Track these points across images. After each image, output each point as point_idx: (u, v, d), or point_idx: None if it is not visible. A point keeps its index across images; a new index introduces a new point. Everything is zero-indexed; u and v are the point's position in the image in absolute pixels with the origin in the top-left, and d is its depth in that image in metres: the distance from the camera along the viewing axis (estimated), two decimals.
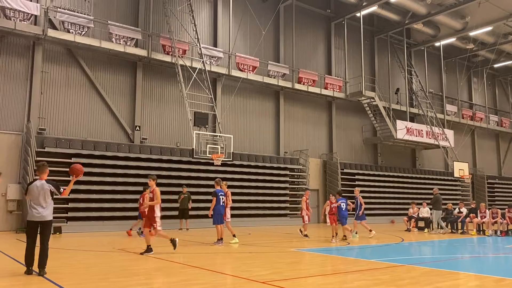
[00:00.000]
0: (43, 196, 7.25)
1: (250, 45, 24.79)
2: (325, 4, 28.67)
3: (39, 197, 7.24)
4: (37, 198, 7.24)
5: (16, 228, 16.94)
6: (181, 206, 18.25)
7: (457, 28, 30.52)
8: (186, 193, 18.41)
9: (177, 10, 21.81)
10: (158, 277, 7.38)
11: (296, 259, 10.00)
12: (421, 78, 32.83)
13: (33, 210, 7.25)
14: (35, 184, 7.33)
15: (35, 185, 7.30)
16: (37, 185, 7.29)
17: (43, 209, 7.25)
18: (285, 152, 25.38)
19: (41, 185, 7.28)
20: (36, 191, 7.25)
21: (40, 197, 7.24)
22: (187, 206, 18.22)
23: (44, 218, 7.26)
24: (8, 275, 7.32)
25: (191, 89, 20.32)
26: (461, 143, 33.91)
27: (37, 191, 7.25)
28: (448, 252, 12.20)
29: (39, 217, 7.23)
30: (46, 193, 7.27)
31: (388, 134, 28.24)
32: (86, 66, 19.64)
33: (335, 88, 27.20)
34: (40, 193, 7.24)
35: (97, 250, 11.02)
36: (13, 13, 17.37)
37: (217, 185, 12.63)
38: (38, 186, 7.27)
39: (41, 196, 7.24)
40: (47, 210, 7.31)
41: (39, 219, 7.24)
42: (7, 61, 17.91)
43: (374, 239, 14.99)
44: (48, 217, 7.31)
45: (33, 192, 7.27)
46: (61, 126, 18.82)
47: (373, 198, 27.49)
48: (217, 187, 12.59)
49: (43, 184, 7.31)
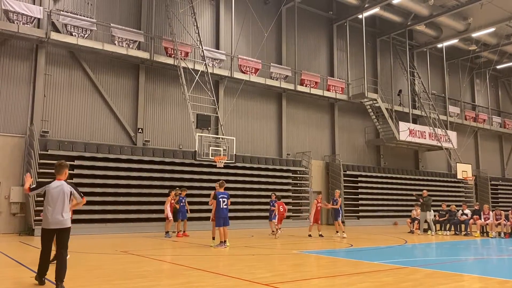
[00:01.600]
0: (62, 199, 6.32)
1: (252, 47, 24.82)
2: (327, 6, 28.69)
3: (57, 200, 6.29)
4: (55, 201, 6.28)
5: (20, 230, 16.99)
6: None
7: (460, 30, 30.49)
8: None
9: (179, 13, 21.86)
10: (161, 279, 7.37)
11: (299, 261, 9.98)
12: (423, 80, 32.79)
13: (50, 216, 6.25)
14: (53, 185, 6.39)
15: (53, 187, 6.36)
16: (55, 186, 6.37)
17: (62, 215, 6.29)
18: (287, 154, 25.36)
19: (60, 187, 6.37)
20: (55, 194, 6.31)
21: (59, 200, 6.30)
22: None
23: (62, 224, 6.30)
24: (11, 278, 7.33)
25: (194, 92, 20.34)
26: (464, 144, 33.81)
27: (55, 193, 6.31)
28: (452, 254, 12.15)
29: (57, 223, 6.26)
30: (65, 196, 6.37)
31: (390, 136, 28.19)
32: (89, 68, 19.70)
33: (338, 90, 27.19)
34: (59, 196, 6.31)
35: (100, 253, 11.02)
36: (16, 16, 17.45)
37: (220, 187, 12.53)
38: (56, 188, 6.35)
39: (59, 199, 6.30)
40: (66, 216, 6.36)
41: (57, 226, 6.27)
42: (11, 64, 17.98)
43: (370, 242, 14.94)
44: (66, 223, 6.35)
45: (51, 194, 6.31)
46: (64, 128, 18.86)
47: (376, 200, 27.47)
48: (220, 189, 12.48)
49: (62, 186, 6.39)
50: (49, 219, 6.23)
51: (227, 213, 12.40)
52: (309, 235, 16.32)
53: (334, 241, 15.12)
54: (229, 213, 12.53)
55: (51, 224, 6.23)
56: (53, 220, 6.23)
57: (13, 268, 8.49)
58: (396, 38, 31.54)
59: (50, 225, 6.24)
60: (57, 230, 6.29)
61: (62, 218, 6.27)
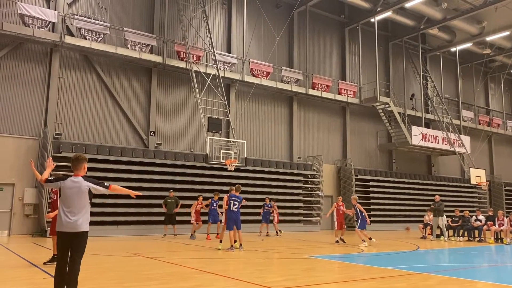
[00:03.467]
0: (78, 199, 5.43)
1: (263, 51, 24.86)
2: (339, 10, 28.63)
3: (73, 199, 5.42)
4: (70, 201, 5.41)
5: (33, 232, 17.18)
6: (168, 211, 17.63)
7: (474, 33, 30.18)
8: (173, 198, 17.93)
9: (191, 17, 21.99)
10: (172, 282, 7.38)
11: (310, 266, 9.91)
12: (436, 84, 32.49)
13: (63, 216, 5.39)
14: (68, 183, 5.47)
15: (68, 185, 5.46)
16: (71, 184, 5.46)
17: (77, 216, 5.39)
18: (298, 157, 25.29)
19: (77, 184, 5.47)
20: (70, 192, 5.43)
21: (75, 200, 5.42)
22: (173, 211, 17.68)
23: (77, 227, 5.37)
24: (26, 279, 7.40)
25: (205, 95, 20.42)
26: (478, 149, 33.38)
27: (70, 192, 5.43)
28: (466, 260, 11.97)
29: (70, 226, 5.36)
30: (83, 194, 5.46)
31: (403, 140, 27.96)
32: (102, 72, 19.90)
33: (349, 93, 27.08)
34: (75, 194, 5.42)
35: (112, 255, 11.08)
36: (31, 20, 17.71)
37: (235, 191, 12.49)
38: (72, 186, 5.45)
39: (75, 197, 5.42)
40: (82, 217, 5.43)
41: (70, 229, 5.36)
42: (26, 67, 18.24)
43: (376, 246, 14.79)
44: (82, 226, 5.41)
45: (66, 192, 5.44)
46: (77, 131, 19.06)
47: (388, 204, 27.23)
48: (235, 193, 12.45)
49: (79, 182, 5.48)
50: (62, 221, 5.38)
51: (238, 217, 12.32)
52: (337, 241, 15.65)
53: (351, 247, 14.96)
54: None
55: (64, 227, 5.37)
56: (66, 223, 5.36)
57: (27, 268, 8.58)
58: (408, 41, 31.32)
59: (63, 227, 5.38)
60: (70, 234, 5.38)
61: (76, 220, 5.36)
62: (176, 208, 17.85)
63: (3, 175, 17.11)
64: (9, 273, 8.09)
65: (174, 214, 17.79)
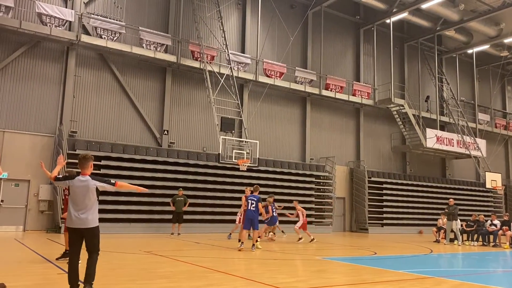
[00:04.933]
0: (86, 196, 5.77)
1: (277, 51, 24.83)
2: (354, 10, 28.46)
3: (81, 197, 5.76)
4: (78, 198, 5.76)
5: (47, 228, 17.42)
6: (177, 210, 17.39)
7: (491, 35, 29.72)
8: (182, 196, 17.73)
9: (206, 17, 22.07)
10: (183, 280, 7.41)
11: (322, 267, 9.87)
12: (452, 86, 32.10)
13: (73, 213, 5.74)
14: (76, 181, 5.83)
15: (77, 184, 5.81)
16: (79, 183, 5.81)
17: (85, 213, 5.74)
18: (311, 159, 25.20)
19: (85, 183, 5.81)
20: (78, 190, 5.78)
21: (83, 198, 5.76)
22: (182, 209, 17.50)
23: (86, 224, 5.72)
24: (39, 274, 7.50)
25: (219, 95, 20.48)
26: (494, 153, 32.89)
27: (79, 190, 5.78)
28: (480, 265, 11.79)
29: (80, 223, 5.71)
30: (90, 192, 5.80)
31: (417, 143, 27.67)
32: (117, 71, 20.09)
33: (363, 95, 26.89)
34: (83, 193, 5.77)
35: (124, 252, 11.18)
36: (49, 19, 17.96)
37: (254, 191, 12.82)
38: (81, 185, 5.80)
39: (83, 195, 5.77)
40: (91, 214, 5.79)
41: (80, 226, 5.72)
42: (42, 65, 18.50)
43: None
44: (92, 222, 5.76)
45: (74, 191, 5.80)
46: (92, 129, 19.27)
47: (401, 207, 27.00)
48: (254, 193, 12.76)
49: (87, 181, 5.83)
50: (72, 218, 5.71)
51: (256, 216, 12.43)
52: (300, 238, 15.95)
53: (359, 248, 14.86)
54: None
55: (74, 223, 5.72)
56: (76, 219, 5.70)
57: (41, 264, 8.69)
58: (424, 43, 30.99)
59: (73, 224, 5.72)
60: (81, 230, 5.73)
61: (85, 217, 5.71)
62: (185, 207, 17.76)
63: (19, 172, 17.37)
64: (24, 268, 8.22)
65: (182, 213, 17.72)
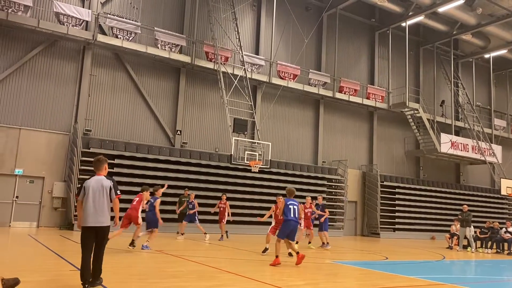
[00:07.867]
0: (100, 195, 5.99)
1: (291, 53, 24.80)
2: (370, 13, 28.29)
3: (96, 196, 5.97)
4: (94, 198, 5.96)
5: (60, 224, 17.63)
6: (183, 210, 16.69)
7: (509, 40, 29.30)
8: (188, 196, 17.11)
9: (221, 18, 22.14)
10: (194, 280, 7.43)
11: (333, 271, 9.81)
12: (468, 91, 31.70)
13: (88, 212, 5.92)
14: (91, 181, 6.09)
15: (92, 183, 6.05)
16: (94, 182, 6.07)
17: (99, 212, 5.94)
18: (323, 161, 25.09)
19: (99, 182, 6.07)
20: (93, 189, 5.99)
21: (98, 196, 5.97)
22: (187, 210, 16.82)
23: (100, 223, 5.92)
24: (52, 271, 7.58)
25: (232, 96, 20.52)
26: (510, 159, 32.36)
27: (94, 189, 5.99)
28: (494, 273, 11.61)
29: (94, 221, 5.90)
30: (104, 191, 6.02)
31: (431, 148, 27.38)
32: (132, 70, 20.26)
33: (378, 98, 26.70)
34: (98, 192, 5.99)
35: (135, 251, 11.24)
36: (66, 18, 18.20)
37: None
38: (95, 184, 6.04)
39: (99, 195, 5.98)
40: (105, 214, 5.99)
41: (94, 224, 5.89)
42: (59, 64, 18.75)
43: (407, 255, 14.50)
44: (105, 221, 5.97)
45: (89, 191, 5.99)
46: (106, 128, 19.46)
47: (414, 212, 26.73)
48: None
49: (102, 181, 6.08)
50: (87, 216, 5.89)
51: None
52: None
53: (370, 252, 14.75)
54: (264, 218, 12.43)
55: (89, 222, 5.87)
56: (91, 218, 5.88)
57: (54, 260, 8.80)
58: (440, 47, 30.68)
59: (88, 222, 5.87)
60: (96, 229, 5.90)
61: (101, 215, 5.92)
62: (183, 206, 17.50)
63: (34, 169, 17.62)
64: (38, 264, 8.32)
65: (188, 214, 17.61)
